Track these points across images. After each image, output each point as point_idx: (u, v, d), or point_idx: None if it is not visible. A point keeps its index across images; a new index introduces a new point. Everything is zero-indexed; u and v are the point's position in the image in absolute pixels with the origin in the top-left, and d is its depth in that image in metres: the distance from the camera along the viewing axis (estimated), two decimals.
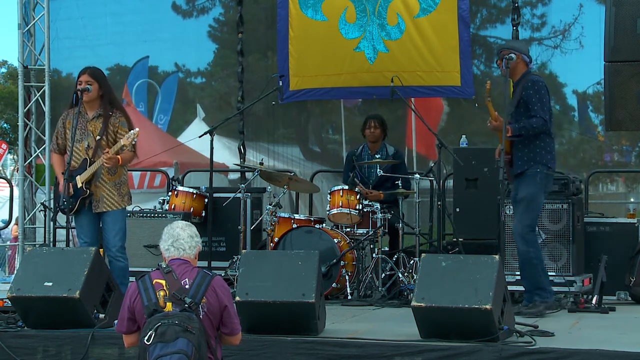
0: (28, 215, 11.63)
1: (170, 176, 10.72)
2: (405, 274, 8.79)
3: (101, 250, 7.91)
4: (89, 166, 7.51)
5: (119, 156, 7.46)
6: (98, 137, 7.54)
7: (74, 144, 7.59)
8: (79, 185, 7.50)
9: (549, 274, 8.12)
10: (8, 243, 16.72)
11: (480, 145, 11.16)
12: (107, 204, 7.55)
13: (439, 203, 9.04)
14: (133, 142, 7.44)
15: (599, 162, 11.99)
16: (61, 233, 10.35)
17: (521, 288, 8.27)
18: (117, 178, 7.61)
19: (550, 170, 7.52)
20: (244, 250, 7.66)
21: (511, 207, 8.26)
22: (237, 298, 6.46)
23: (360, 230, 9.04)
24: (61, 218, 8.28)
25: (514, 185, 7.61)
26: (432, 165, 9.47)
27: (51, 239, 10.76)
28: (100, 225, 7.66)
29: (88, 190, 7.52)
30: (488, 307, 6.05)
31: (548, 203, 8.19)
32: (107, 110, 7.60)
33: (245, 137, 11.61)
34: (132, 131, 7.44)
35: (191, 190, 9.50)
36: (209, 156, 9.05)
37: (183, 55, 13.00)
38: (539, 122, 7.41)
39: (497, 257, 6.36)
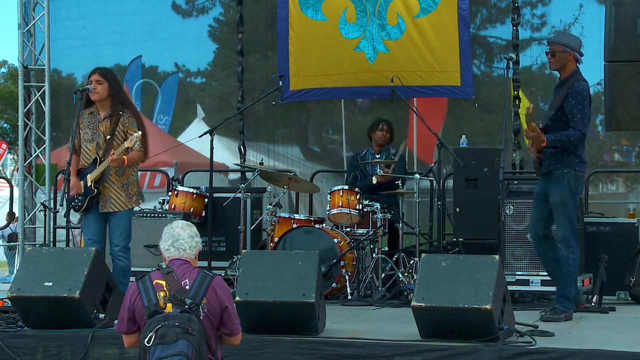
0: (28, 215, 11.63)
1: (170, 176, 10.72)
2: (405, 274, 8.79)
3: None
4: (98, 165, 7.55)
5: (125, 157, 7.48)
6: (108, 137, 7.56)
7: (85, 143, 7.66)
8: (88, 184, 7.56)
9: None
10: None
11: (480, 145, 11.17)
12: (113, 205, 7.59)
13: (439, 203, 9.04)
14: (136, 145, 7.46)
15: (599, 162, 12.00)
16: (61, 233, 10.35)
17: (520, 288, 8.30)
18: (125, 179, 7.64)
19: (577, 172, 7.39)
20: (244, 250, 7.66)
21: (511, 207, 8.28)
22: (237, 298, 6.46)
23: (360, 230, 9.04)
24: (60, 218, 8.32)
25: (541, 183, 7.55)
26: (432, 165, 9.47)
27: (51, 239, 10.77)
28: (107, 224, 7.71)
29: (96, 190, 7.55)
30: (488, 307, 6.05)
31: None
32: (117, 110, 7.62)
33: (245, 137, 11.61)
34: (134, 134, 7.47)
35: (191, 190, 9.50)
36: (209, 156, 9.04)
37: (183, 55, 13.00)
38: (576, 135, 7.27)
39: (497, 257, 6.37)
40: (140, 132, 7.48)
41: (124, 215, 7.62)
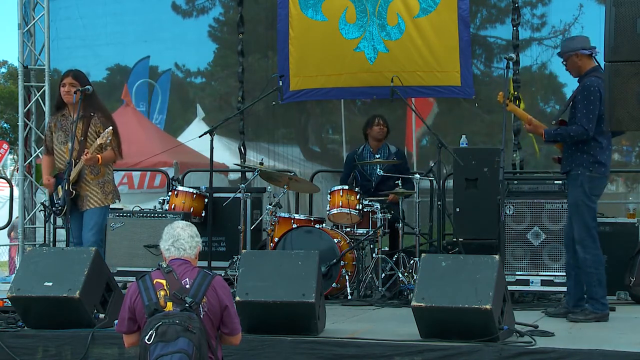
0: (28, 215, 11.63)
1: (170, 176, 10.72)
2: (405, 274, 8.79)
3: None
4: (74, 167, 7.73)
5: (99, 155, 7.72)
6: (81, 139, 7.77)
7: (59, 146, 7.92)
8: (66, 187, 7.69)
9: (549, 274, 8.14)
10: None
11: (480, 145, 11.17)
12: (90, 202, 7.82)
13: (439, 203, 9.04)
14: (107, 141, 7.67)
15: None
16: (61, 233, 10.36)
17: (520, 288, 8.30)
18: (100, 177, 7.88)
19: (593, 172, 7.35)
20: (244, 250, 7.66)
21: (511, 207, 8.29)
22: (237, 298, 6.46)
23: (360, 230, 9.04)
24: (60, 218, 8.41)
25: (566, 184, 7.62)
26: (432, 165, 9.46)
27: (51, 239, 10.78)
28: None
29: (74, 191, 7.75)
30: (488, 307, 6.05)
31: (548, 203, 8.19)
32: (88, 111, 7.82)
33: (245, 137, 11.61)
34: (105, 130, 7.67)
35: (191, 190, 9.50)
36: (209, 156, 9.04)
37: (183, 55, 13.01)
38: (578, 131, 7.27)
39: (497, 257, 6.37)
40: (111, 127, 7.69)
41: (97, 211, 7.82)
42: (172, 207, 9.41)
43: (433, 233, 9.35)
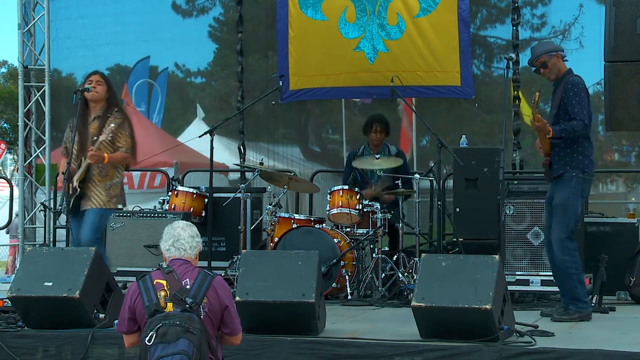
0: (28, 215, 11.63)
1: (170, 176, 10.73)
2: (405, 274, 8.79)
3: None
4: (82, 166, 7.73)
5: (105, 154, 7.66)
6: (95, 138, 7.70)
7: (74, 145, 7.82)
8: (75, 184, 7.68)
9: (549, 274, 8.13)
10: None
11: (480, 145, 11.17)
12: (92, 202, 7.77)
13: (439, 203, 9.03)
14: (109, 138, 7.63)
15: (599, 162, 11.99)
16: (61, 233, 10.36)
17: (520, 288, 8.30)
18: (108, 180, 7.83)
19: (586, 174, 7.38)
20: (244, 250, 7.66)
21: (511, 207, 8.28)
22: (237, 298, 6.46)
23: (360, 230, 9.04)
24: (60, 218, 8.41)
25: (550, 187, 7.55)
26: (432, 165, 9.47)
27: (51, 239, 10.78)
28: None
29: (79, 189, 7.72)
30: (488, 307, 6.05)
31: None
32: (107, 112, 7.79)
33: (245, 137, 11.61)
34: (108, 127, 7.63)
35: (191, 190, 9.50)
36: (209, 156, 9.04)
37: (183, 55, 13.01)
38: (579, 125, 7.26)
39: (497, 257, 6.37)
40: (113, 125, 7.64)
41: (96, 212, 7.76)
42: (172, 207, 9.41)
43: (433, 233, 9.35)
